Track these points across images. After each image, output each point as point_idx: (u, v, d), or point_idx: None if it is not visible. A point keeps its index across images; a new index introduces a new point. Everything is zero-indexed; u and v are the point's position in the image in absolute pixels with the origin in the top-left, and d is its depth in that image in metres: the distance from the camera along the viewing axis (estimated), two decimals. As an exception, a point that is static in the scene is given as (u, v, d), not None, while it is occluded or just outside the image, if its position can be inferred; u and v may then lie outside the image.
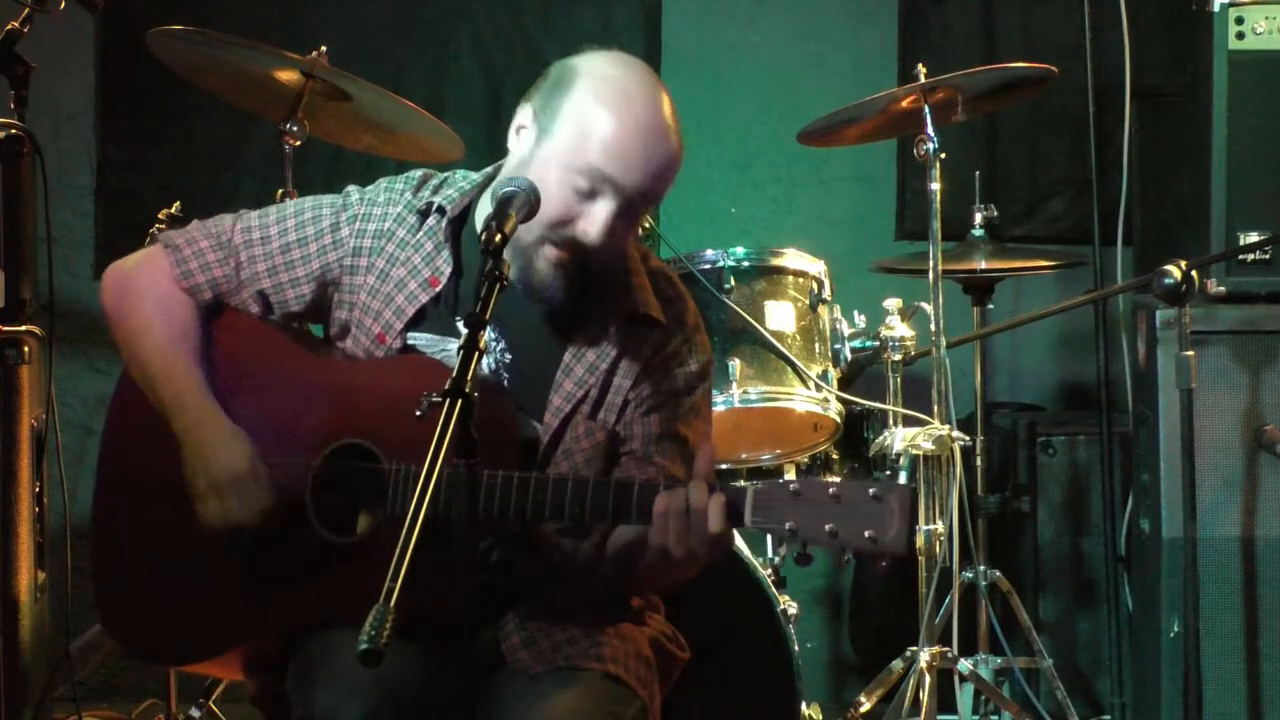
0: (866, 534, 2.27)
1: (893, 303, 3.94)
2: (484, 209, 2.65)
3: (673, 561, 2.40)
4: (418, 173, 2.75)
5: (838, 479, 2.31)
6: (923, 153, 3.81)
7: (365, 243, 2.68)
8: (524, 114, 2.60)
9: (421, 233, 2.67)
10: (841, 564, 2.55)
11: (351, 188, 2.74)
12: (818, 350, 3.84)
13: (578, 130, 2.51)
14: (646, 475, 2.60)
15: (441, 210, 2.67)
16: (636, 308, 2.65)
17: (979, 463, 4.38)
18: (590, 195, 2.50)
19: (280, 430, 2.60)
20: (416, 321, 2.64)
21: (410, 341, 2.65)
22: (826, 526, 2.29)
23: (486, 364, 2.62)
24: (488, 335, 2.42)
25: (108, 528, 2.74)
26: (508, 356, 2.64)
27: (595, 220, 2.50)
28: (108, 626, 2.76)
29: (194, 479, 2.57)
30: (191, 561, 2.63)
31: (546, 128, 2.55)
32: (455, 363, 2.55)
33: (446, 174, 2.74)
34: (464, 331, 2.57)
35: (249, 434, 2.59)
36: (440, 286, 2.64)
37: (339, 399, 2.60)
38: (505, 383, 2.63)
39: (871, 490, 2.28)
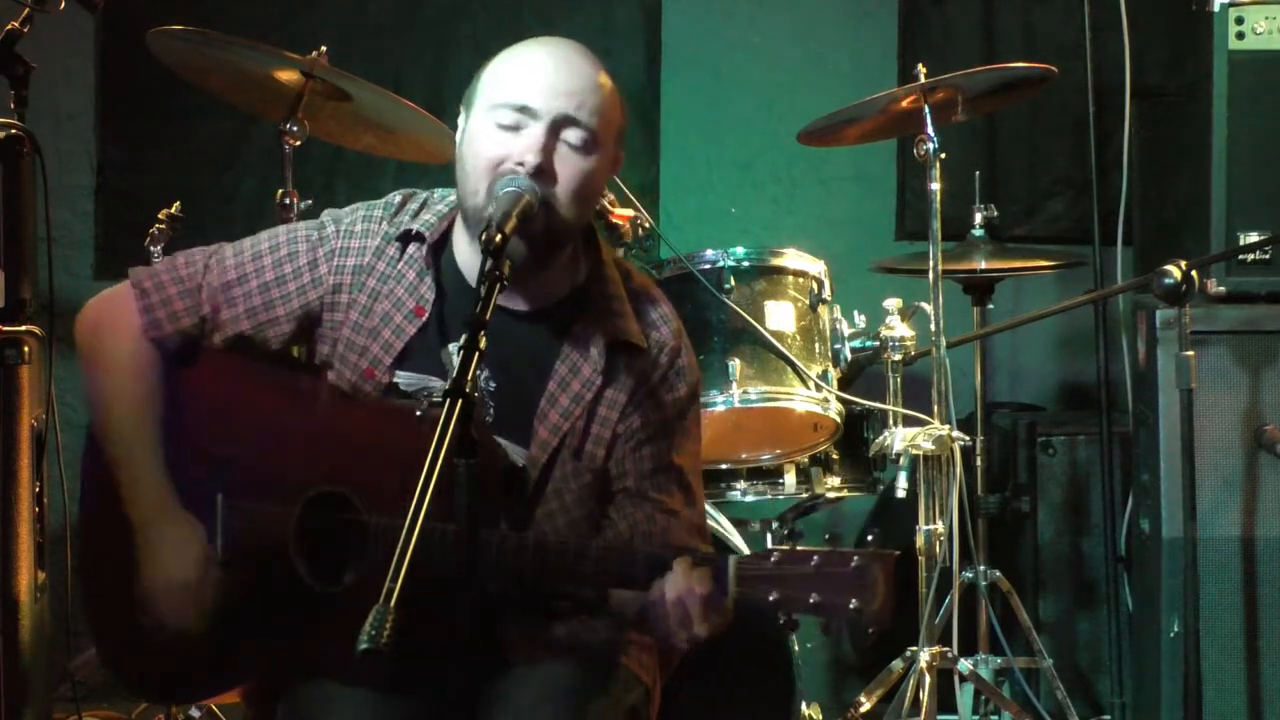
0: (852, 604, 2.27)
1: (893, 303, 3.93)
2: (461, 229, 2.64)
3: (674, 642, 2.43)
4: (395, 196, 2.72)
5: (819, 549, 2.30)
6: (923, 153, 3.81)
7: (345, 279, 2.65)
8: (460, 119, 2.65)
9: (402, 262, 2.65)
10: (829, 633, 2.47)
11: (327, 216, 2.71)
12: (818, 350, 3.83)
13: (489, 83, 2.59)
14: (643, 512, 2.61)
15: (421, 237, 2.65)
16: (617, 335, 2.63)
17: (979, 463, 4.38)
18: (515, 127, 2.54)
19: (258, 474, 2.57)
20: (402, 358, 2.62)
21: (394, 380, 2.62)
22: (811, 598, 2.29)
23: None
24: None
25: (95, 562, 2.72)
26: (492, 384, 2.61)
27: (526, 144, 2.52)
28: (105, 663, 2.76)
29: (148, 577, 2.58)
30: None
31: (469, 104, 2.61)
32: (436, 394, 2.58)
33: (425, 194, 2.72)
34: (456, 347, 2.58)
35: (226, 476, 2.58)
36: (426, 316, 2.62)
37: (316, 445, 2.58)
38: (491, 410, 2.60)
39: (854, 560, 2.28)
